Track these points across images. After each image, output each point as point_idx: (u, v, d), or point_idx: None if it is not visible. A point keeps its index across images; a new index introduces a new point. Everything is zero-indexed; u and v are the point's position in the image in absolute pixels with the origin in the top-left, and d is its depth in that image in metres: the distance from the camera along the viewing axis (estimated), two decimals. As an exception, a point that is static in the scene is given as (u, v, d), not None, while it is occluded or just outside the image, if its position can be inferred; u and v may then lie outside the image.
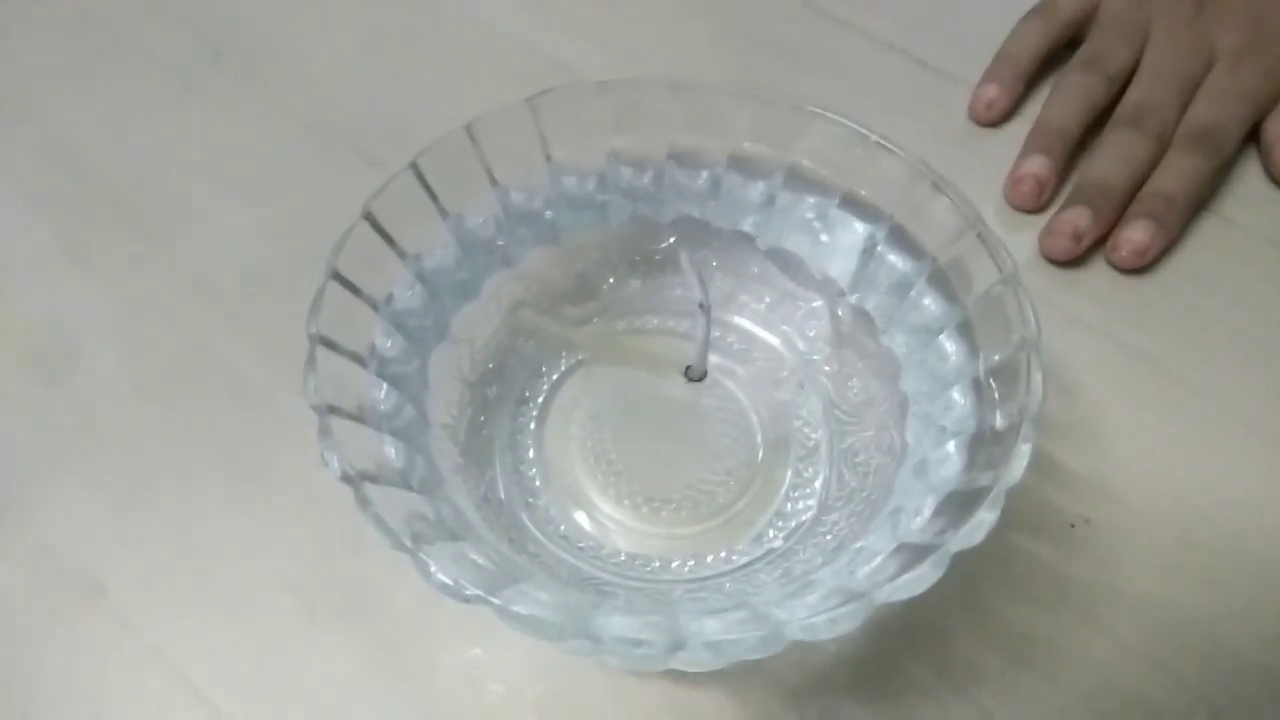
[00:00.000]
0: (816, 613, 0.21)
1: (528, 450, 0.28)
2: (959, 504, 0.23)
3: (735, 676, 0.26)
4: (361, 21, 0.41)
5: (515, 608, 0.20)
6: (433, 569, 0.20)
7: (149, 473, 0.30)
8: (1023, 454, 0.22)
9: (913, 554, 0.22)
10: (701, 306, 0.25)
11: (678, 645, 0.20)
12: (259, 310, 0.33)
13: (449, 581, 0.20)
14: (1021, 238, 0.35)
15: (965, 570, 0.21)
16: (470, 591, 0.20)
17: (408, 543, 0.21)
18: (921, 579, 0.21)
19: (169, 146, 0.37)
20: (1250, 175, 0.36)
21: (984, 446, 0.24)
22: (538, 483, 0.28)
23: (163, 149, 0.37)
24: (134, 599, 0.28)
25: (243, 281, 0.34)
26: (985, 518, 0.21)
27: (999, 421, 0.24)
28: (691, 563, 0.27)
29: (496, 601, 0.20)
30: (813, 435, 0.29)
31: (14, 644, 0.27)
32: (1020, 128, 0.37)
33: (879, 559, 0.22)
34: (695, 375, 0.27)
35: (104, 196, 0.36)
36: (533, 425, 0.29)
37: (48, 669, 0.27)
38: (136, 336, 0.33)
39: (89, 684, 0.27)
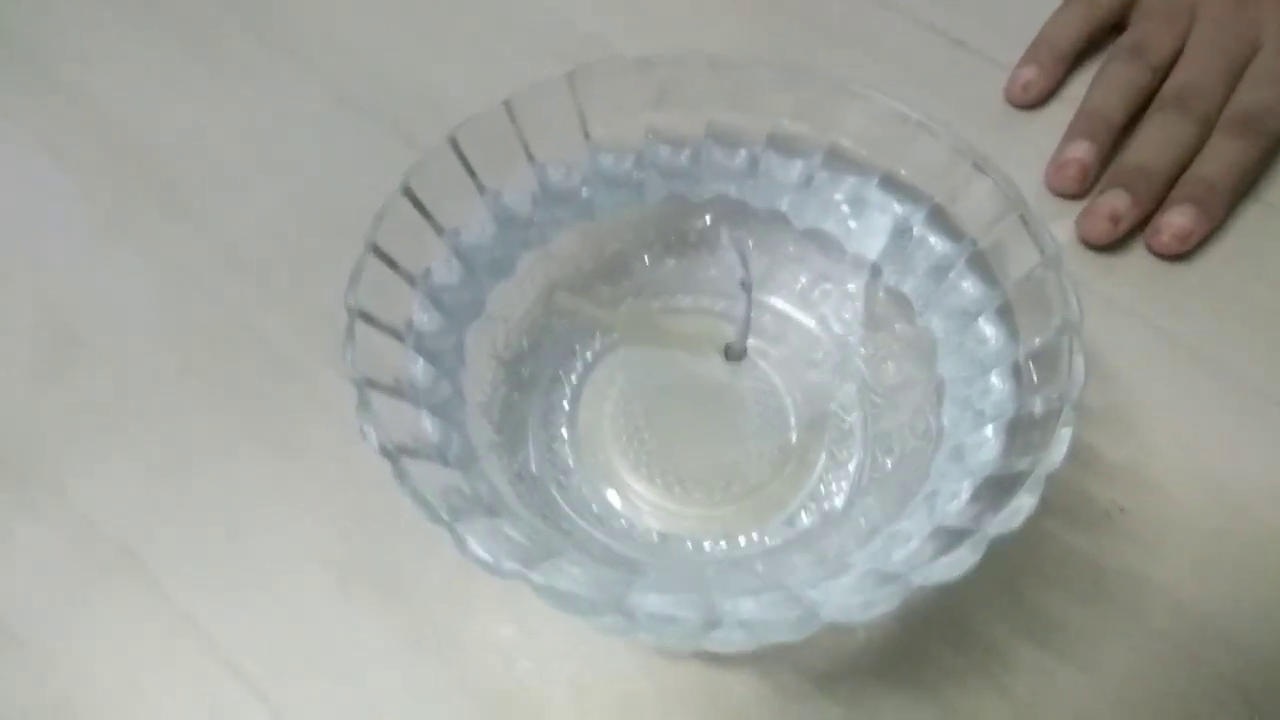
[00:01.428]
0: (851, 595, 0.21)
1: (561, 429, 0.28)
2: (997, 489, 0.22)
3: (766, 658, 0.26)
4: (397, -4, 0.41)
5: (551, 582, 0.20)
6: (470, 543, 0.20)
7: (185, 444, 0.30)
8: (1063, 439, 0.22)
9: (950, 538, 0.22)
10: (743, 285, 0.25)
11: (712, 623, 0.20)
12: (294, 283, 0.33)
13: (486, 556, 0.20)
14: (1060, 224, 0.34)
15: (998, 557, 0.21)
16: (507, 566, 0.20)
17: (445, 516, 0.21)
18: (959, 563, 0.21)
19: (205, 120, 0.38)
20: (1296, 161, 0.36)
21: (1023, 431, 0.24)
22: (571, 461, 0.28)
23: (199, 122, 0.37)
24: (168, 568, 0.28)
25: (278, 255, 0.34)
26: (1025, 502, 0.21)
27: (1038, 406, 0.24)
28: (724, 543, 0.27)
29: (533, 576, 0.20)
30: (847, 417, 0.29)
31: (50, 610, 0.28)
32: (1060, 111, 0.37)
33: (915, 542, 0.22)
34: (735, 355, 0.27)
35: (141, 169, 0.36)
36: (566, 404, 0.29)
37: (82, 636, 0.27)
38: (173, 308, 0.33)
39: (123, 652, 0.27)
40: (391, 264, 0.25)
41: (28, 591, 0.28)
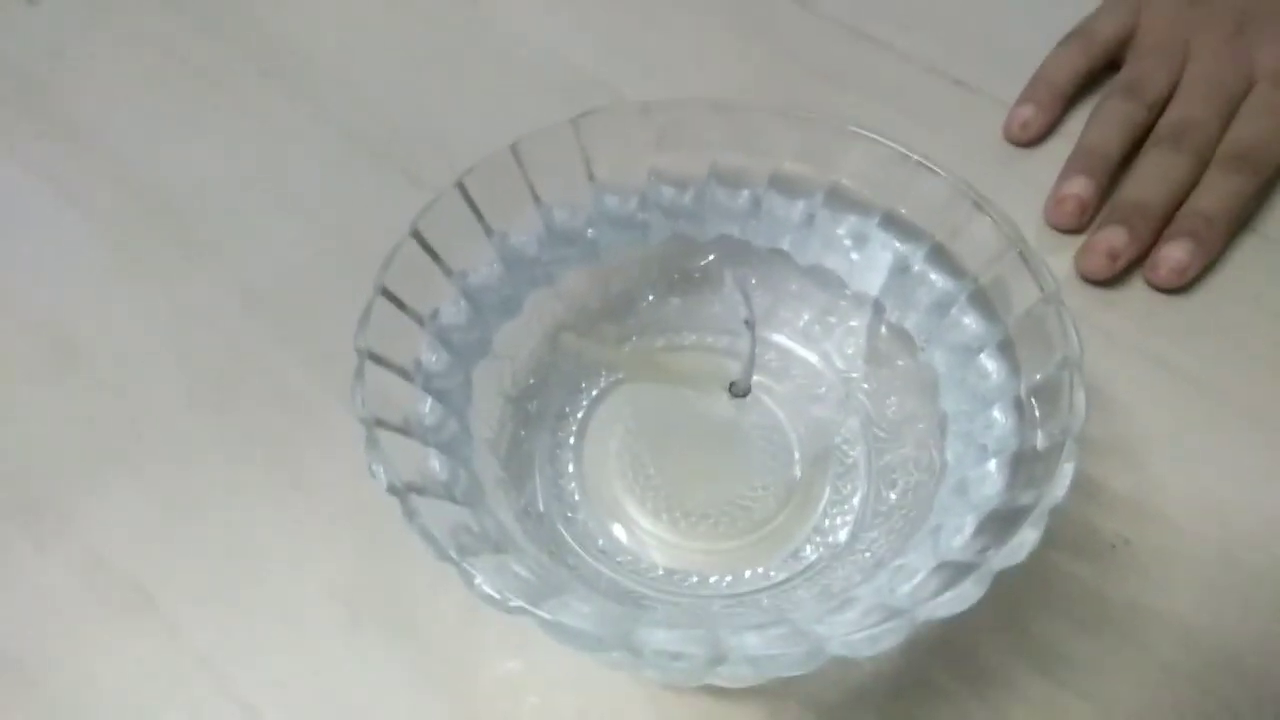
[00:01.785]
0: (857, 629, 0.21)
1: (567, 465, 0.29)
2: (1000, 522, 0.23)
3: (772, 692, 0.26)
4: (406, 41, 0.42)
5: (558, 619, 0.20)
6: (478, 580, 0.21)
7: (197, 481, 0.31)
8: (1066, 473, 0.22)
9: (954, 572, 0.22)
10: (747, 323, 0.26)
11: (718, 659, 0.20)
12: (306, 322, 0.34)
13: (494, 593, 0.21)
14: (1058, 258, 0.35)
15: (1004, 589, 0.21)
16: (514, 603, 0.21)
17: (453, 554, 0.21)
18: (964, 597, 0.21)
19: (219, 162, 0.38)
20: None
21: (1025, 465, 0.24)
22: (577, 497, 0.28)
23: (212, 165, 0.38)
24: (182, 606, 0.28)
25: (290, 294, 0.34)
26: (1028, 536, 0.21)
27: (1040, 440, 0.24)
28: (729, 578, 0.27)
29: (540, 613, 0.20)
30: (851, 452, 0.29)
31: (64, 649, 0.28)
32: (1057, 147, 0.37)
33: (920, 576, 0.22)
34: (740, 391, 0.28)
35: (155, 210, 0.37)
36: (572, 440, 0.29)
37: (97, 674, 0.28)
38: (186, 346, 0.33)
39: (137, 690, 0.27)
40: (400, 305, 0.25)
41: (40, 630, 0.28)
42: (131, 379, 0.33)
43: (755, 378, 0.29)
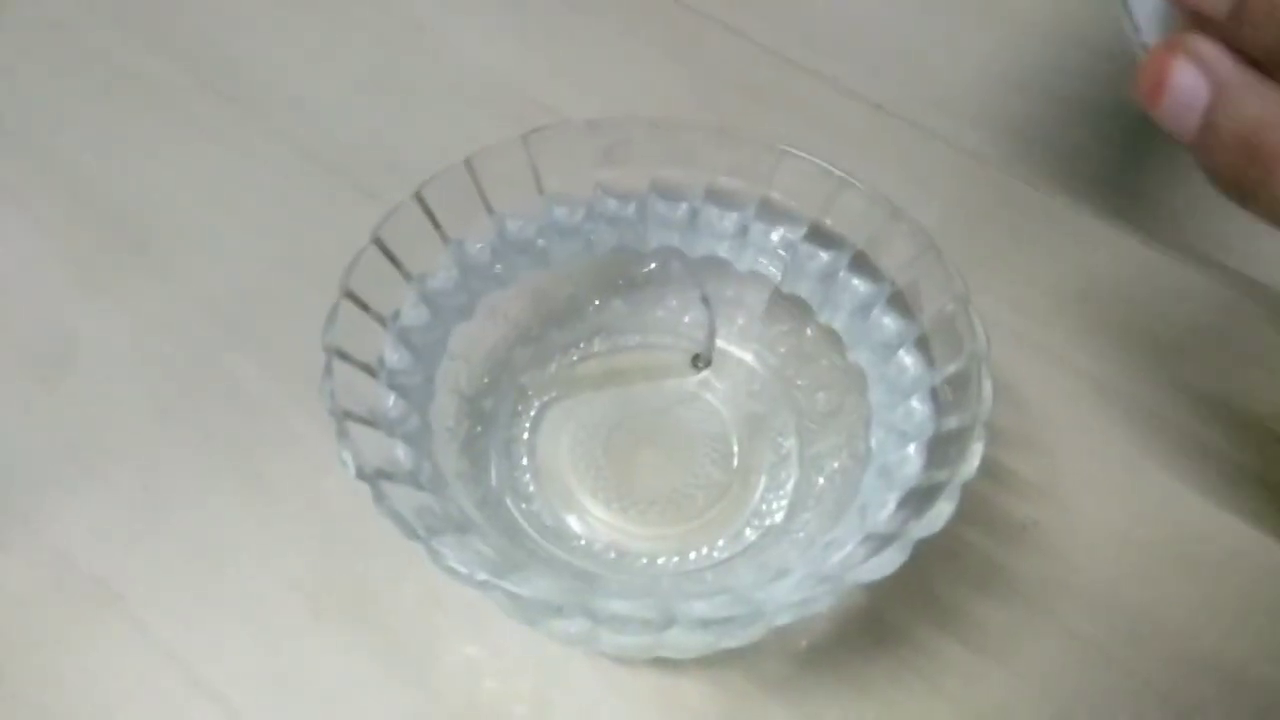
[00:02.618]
0: (793, 594, 0.23)
1: (522, 459, 0.31)
2: (920, 498, 0.25)
3: (717, 665, 0.28)
4: (356, 63, 0.44)
5: (523, 590, 0.22)
6: (446, 556, 0.22)
7: (161, 482, 0.32)
8: (976, 451, 0.25)
9: (879, 542, 0.24)
10: (703, 300, 0.28)
11: (669, 622, 0.22)
12: (264, 329, 0.35)
13: (461, 568, 0.22)
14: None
15: (925, 567, 0.23)
16: (480, 576, 0.22)
17: (421, 533, 0.23)
18: (888, 562, 0.23)
19: (174, 179, 0.39)
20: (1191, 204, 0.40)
21: (941, 447, 0.26)
22: (532, 488, 0.30)
23: (167, 179, 0.39)
24: (148, 602, 0.29)
25: (248, 303, 0.36)
26: (944, 508, 0.24)
27: (954, 425, 0.26)
28: (676, 559, 0.29)
29: (506, 585, 0.22)
30: (785, 443, 0.31)
31: (31, 648, 0.29)
32: (965, 163, 0.40)
33: (849, 547, 0.25)
34: (704, 362, 0.30)
35: (112, 226, 0.38)
36: (526, 436, 0.31)
37: (64, 672, 0.28)
38: (148, 354, 0.34)
39: (105, 685, 0.28)
40: (364, 306, 0.27)
41: (7, 629, 0.29)
42: (93, 385, 0.34)
43: (697, 378, 0.32)
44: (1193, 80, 0.18)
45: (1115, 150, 0.41)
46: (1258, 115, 0.18)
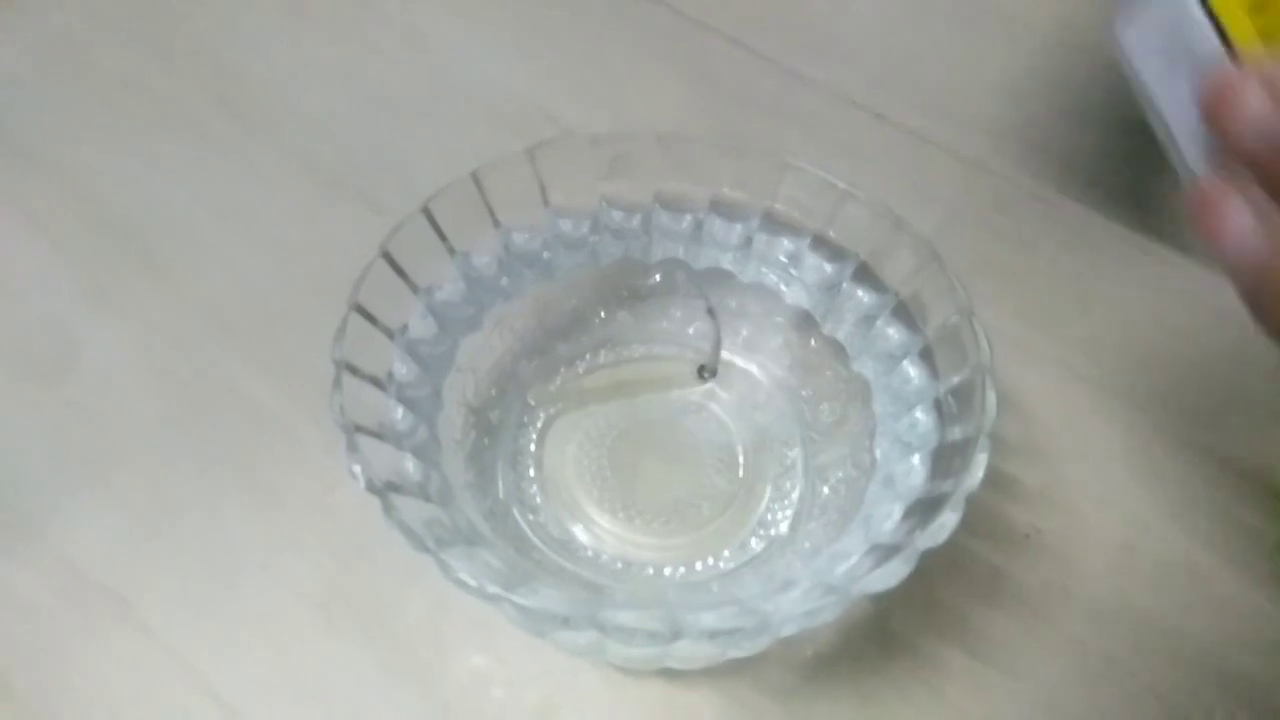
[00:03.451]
0: (799, 605, 0.23)
1: (528, 469, 0.31)
2: (924, 509, 0.25)
3: (724, 675, 0.28)
4: (361, 76, 0.44)
5: (531, 602, 0.22)
6: (456, 569, 0.23)
7: (171, 493, 0.32)
8: (980, 463, 0.25)
9: (884, 553, 0.24)
10: (709, 312, 0.28)
11: (678, 634, 0.22)
12: (272, 342, 0.35)
13: (471, 581, 0.23)
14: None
15: (930, 577, 0.24)
16: (491, 589, 0.22)
17: (431, 546, 0.23)
18: (893, 573, 0.23)
19: (183, 192, 0.40)
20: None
21: (945, 458, 0.26)
22: (539, 499, 0.30)
23: (174, 192, 0.39)
24: (158, 612, 0.30)
25: (256, 316, 0.36)
26: (949, 519, 0.24)
27: (958, 436, 0.26)
28: (682, 569, 0.29)
29: (515, 598, 0.22)
30: (789, 453, 0.31)
31: (43, 657, 0.29)
32: (976, 177, 0.41)
33: (854, 558, 0.25)
34: (709, 372, 0.30)
35: (122, 238, 0.38)
36: (532, 447, 0.31)
37: (75, 681, 0.29)
38: (156, 365, 0.35)
39: (116, 695, 0.28)
40: (372, 320, 0.27)
41: (18, 639, 0.29)
42: (102, 396, 0.34)
43: (703, 389, 0.32)
44: (1249, 224, 0.19)
45: (1117, 158, 0.41)
46: None
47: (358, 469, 0.24)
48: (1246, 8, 0.19)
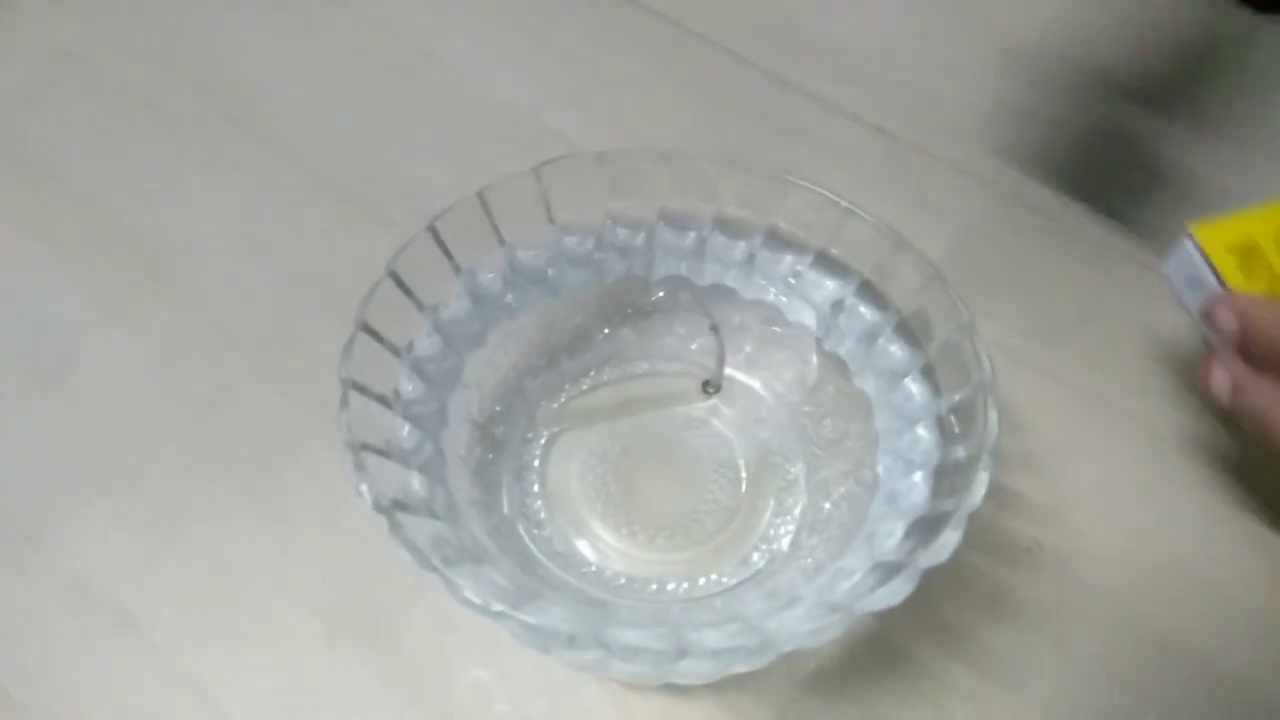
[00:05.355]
0: (803, 624, 0.24)
1: (533, 485, 0.31)
2: (927, 526, 0.25)
3: (727, 689, 0.29)
4: (367, 93, 0.44)
5: (537, 621, 0.23)
6: (463, 588, 0.23)
7: (176, 507, 0.32)
8: (982, 481, 0.25)
9: (887, 571, 0.24)
10: (713, 328, 0.29)
11: (682, 652, 0.23)
12: (278, 356, 0.35)
13: (477, 599, 0.23)
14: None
15: (932, 591, 0.24)
16: (497, 607, 0.23)
17: (437, 565, 0.23)
18: (896, 592, 0.24)
19: (191, 207, 0.40)
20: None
21: (947, 476, 0.27)
22: (543, 514, 0.30)
23: (185, 209, 0.40)
24: (163, 626, 0.30)
25: (262, 330, 0.36)
26: (951, 537, 0.24)
27: (960, 454, 0.27)
28: (686, 584, 0.29)
29: (522, 616, 0.23)
30: (791, 469, 0.32)
31: (48, 669, 0.29)
32: (967, 189, 0.41)
33: (857, 576, 0.25)
34: (714, 387, 0.31)
35: (129, 253, 0.38)
36: (537, 462, 0.32)
37: (81, 694, 0.29)
38: (164, 381, 0.35)
39: (120, 708, 0.29)
40: (379, 338, 0.28)
41: (25, 653, 0.29)
42: (109, 410, 0.34)
43: (705, 404, 0.32)
44: (1223, 379, 0.30)
45: (1117, 175, 0.42)
46: (1260, 404, 0.29)
47: (365, 488, 0.24)
48: (1235, 261, 0.31)
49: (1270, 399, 0.29)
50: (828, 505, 0.30)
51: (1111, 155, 0.42)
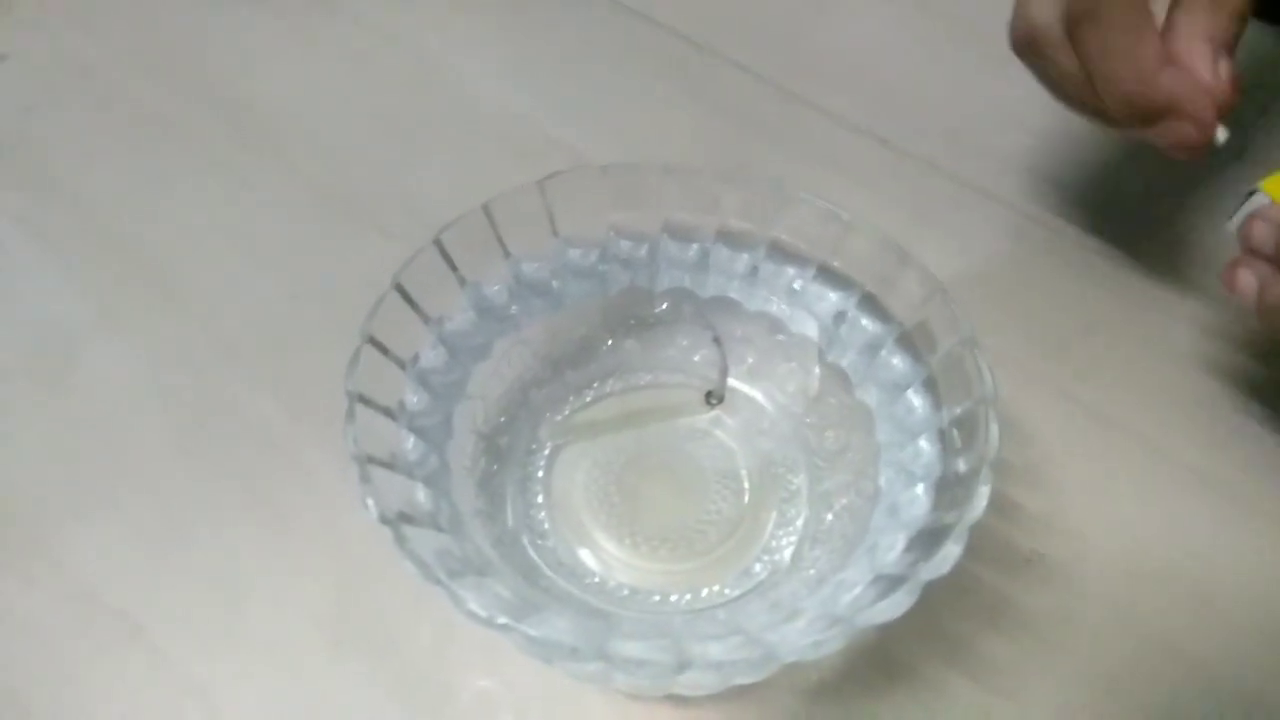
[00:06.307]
0: (805, 636, 0.24)
1: (537, 496, 0.31)
2: (928, 539, 0.26)
3: (729, 700, 0.29)
4: (372, 105, 0.45)
5: (540, 634, 0.23)
6: (467, 601, 0.23)
7: (182, 517, 0.32)
8: (983, 494, 0.25)
9: (889, 583, 0.25)
10: (715, 340, 0.29)
11: (684, 665, 0.23)
12: (282, 367, 0.36)
13: (482, 612, 0.23)
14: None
15: (933, 602, 0.24)
16: (501, 620, 0.23)
17: (443, 578, 0.23)
18: (897, 604, 0.24)
19: (195, 218, 0.40)
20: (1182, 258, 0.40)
21: (948, 488, 0.27)
22: (547, 525, 0.31)
23: (185, 218, 0.40)
24: (170, 636, 0.30)
25: (269, 342, 0.36)
26: (952, 550, 0.24)
27: (961, 466, 0.27)
28: (688, 595, 0.29)
29: (525, 629, 0.23)
30: (794, 480, 0.32)
31: (52, 678, 0.29)
32: (968, 200, 0.41)
33: (859, 588, 0.25)
34: (716, 399, 0.31)
35: (134, 263, 0.39)
36: (541, 474, 0.32)
37: (88, 704, 0.29)
38: (168, 391, 0.35)
39: (125, 716, 0.29)
40: (384, 351, 0.28)
41: (32, 661, 0.30)
42: (114, 419, 0.34)
43: (709, 415, 0.33)
44: (1249, 278, 0.31)
45: (1121, 186, 0.42)
46: None
47: (371, 501, 0.24)
48: None
49: None
50: (830, 517, 0.30)
51: (1118, 168, 0.42)
